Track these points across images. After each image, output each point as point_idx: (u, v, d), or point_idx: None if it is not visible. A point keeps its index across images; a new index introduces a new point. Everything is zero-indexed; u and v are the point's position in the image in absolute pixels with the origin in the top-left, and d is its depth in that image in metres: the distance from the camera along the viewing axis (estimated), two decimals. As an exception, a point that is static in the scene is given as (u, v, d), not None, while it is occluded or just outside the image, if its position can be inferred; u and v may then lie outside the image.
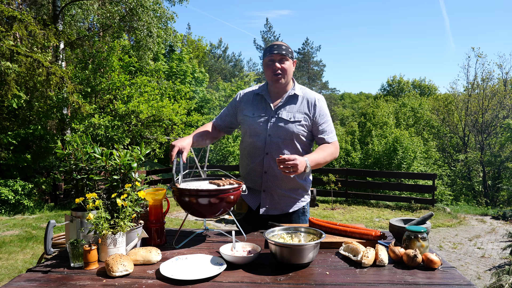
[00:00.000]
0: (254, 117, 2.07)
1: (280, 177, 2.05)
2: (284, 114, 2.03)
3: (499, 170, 15.84)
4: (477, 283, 4.71)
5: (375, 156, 15.83)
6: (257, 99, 2.13)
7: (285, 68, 2.00)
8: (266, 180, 2.06)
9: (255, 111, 2.09)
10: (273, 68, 2.00)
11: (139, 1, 11.82)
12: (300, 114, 2.04)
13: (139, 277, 1.38)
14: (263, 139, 2.04)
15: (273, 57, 2.00)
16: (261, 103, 2.10)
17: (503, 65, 25.95)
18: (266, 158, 2.04)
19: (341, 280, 1.35)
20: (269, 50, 2.01)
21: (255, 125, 2.06)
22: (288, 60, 2.02)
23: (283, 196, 2.09)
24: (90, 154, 1.67)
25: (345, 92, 67.58)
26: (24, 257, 5.49)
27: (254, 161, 2.08)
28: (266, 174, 2.06)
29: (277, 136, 2.02)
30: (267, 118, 2.05)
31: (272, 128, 2.03)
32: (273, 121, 2.03)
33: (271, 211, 2.10)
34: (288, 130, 2.01)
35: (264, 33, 39.67)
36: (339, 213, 9.34)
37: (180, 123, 13.39)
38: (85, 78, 11.74)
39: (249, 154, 2.11)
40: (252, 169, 2.09)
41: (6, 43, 8.18)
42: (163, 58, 19.29)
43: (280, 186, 2.07)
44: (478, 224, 8.18)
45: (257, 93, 2.13)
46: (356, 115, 36.80)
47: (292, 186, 2.10)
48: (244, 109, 2.13)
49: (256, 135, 2.06)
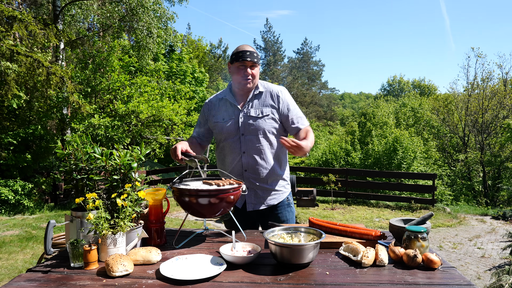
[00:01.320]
0: (225, 121, 2.15)
1: (260, 173, 2.12)
2: (252, 112, 2.12)
3: (499, 170, 15.84)
4: (477, 283, 4.71)
5: (375, 156, 15.82)
6: (223, 103, 2.21)
7: (255, 74, 2.10)
8: (248, 178, 2.13)
9: (224, 115, 2.16)
10: (245, 74, 2.08)
11: (139, 1, 11.82)
12: (267, 108, 2.13)
13: (139, 277, 1.38)
14: (238, 139, 2.12)
15: (245, 63, 2.07)
16: (228, 107, 2.18)
17: (503, 65, 25.99)
18: (244, 157, 2.11)
19: (341, 280, 1.35)
20: (241, 56, 2.06)
21: (228, 128, 2.13)
22: (257, 66, 2.12)
23: (266, 190, 2.16)
24: (90, 154, 1.67)
25: (345, 92, 67.65)
26: (24, 257, 5.49)
27: (232, 162, 2.14)
28: (246, 172, 2.12)
29: (249, 133, 2.10)
30: (236, 119, 2.13)
31: (244, 127, 2.10)
32: (242, 120, 2.11)
33: (257, 206, 2.16)
34: (259, 125, 2.10)
35: (264, 33, 39.70)
36: (339, 213, 9.34)
37: (180, 123, 13.39)
38: (85, 78, 11.74)
39: (226, 157, 2.18)
40: (232, 170, 2.15)
41: (6, 43, 8.18)
42: (163, 58, 19.28)
43: (262, 181, 2.14)
44: (478, 224, 8.18)
45: (221, 97, 2.22)
46: (356, 115, 36.80)
47: (273, 179, 2.17)
48: (214, 116, 2.21)
49: (230, 137, 2.13)
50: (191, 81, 19.28)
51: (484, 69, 20.29)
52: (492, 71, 20.80)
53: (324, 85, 46.51)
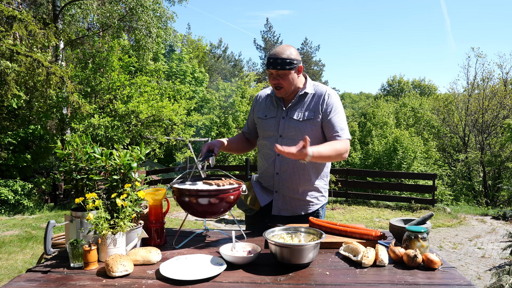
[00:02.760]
0: (266, 118, 2.09)
1: (292, 179, 2.03)
2: (295, 114, 2.01)
3: (499, 170, 15.83)
4: (477, 283, 4.70)
5: (375, 156, 15.83)
6: (270, 100, 2.14)
7: (284, 83, 1.95)
8: (278, 181, 2.05)
9: (267, 112, 2.10)
10: (273, 82, 1.98)
11: (139, 1, 11.81)
12: (311, 112, 2.00)
13: (139, 277, 1.38)
14: (275, 140, 2.04)
15: (271, 71, 1.95)
16: (273, 105, 2.11)
17: (503, 65, 25.92)
18: (278, 160, 2.04)
19: (341, 280, 1.35)
20: (267, 63, 1.95)
21: (267, 127, 2.07)
22: (287, 73, 1.93)
23: (295, 198, 2.06)
24: (90, 154, 1.67)
25: (345, 92, 67.64)
26: (24, 257, 5.49)
27: (267, 162, 2.09)
28: (278, 175, 2.05)
29: (288, 136, 2.01)
30: (278, 119, 2.05)
31: (283, 129, 2.02)
32: (283, 122, 2.03)
33: (282, 212, 2.09)
34: (299, 130, 1.99)
35: (264, 33, 39.64)
36: (339, 213, 9.34)
37: (180, 123, 13.38)
38: (85, 78, 11.73)
39: (262, 155, 2.13)
40: (265, 170, 2.10)
41: (6, 42, 8.18)
42: (163, 58, 19.28)
43: (292, 188, 2.05)
44: (478, 224, 8.17)
45: (269, 93, 2.15)
46: (356, 115, 36.81)
47: (305, 189, 2.06)
48: (258, 111, 2.16)
49: (268, 136, 2.07)
50: (191, 81, 19.27)
51: (484, 69, 20.25)
52: (492, 71, 20.79)
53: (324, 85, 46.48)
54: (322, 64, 44.61)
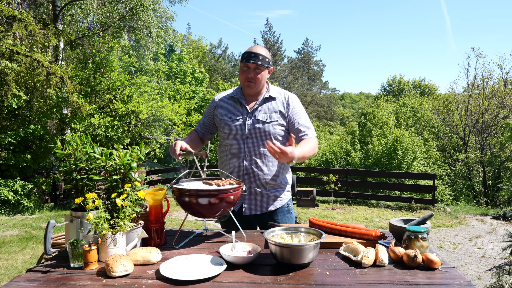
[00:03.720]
0: (231, 120, 2.12)
1: (261, 177, 2.08)
2: (261, 116, 2.09)
3: (499, 170, 15.83)
4: (477, 283, 4.70)
5: (375, 156, 15.82)
6: (233, 102, 2.18)
7: (258, 78, 2.05)
8: (247, 182, 2.10)
9: (231, 114, 2.13)
10: (247, 76, 2.05)
11: (139, 1, 11.82)
12: (276, 114, 2.10)
13: (139, 277, 1.38)
14: (242, 141, 2.08)
15: (248, 65, 2.04)
16: (237, 106, 2.15)
17: (503, 65, 25.89)
18: (246, 160, 2.08)
19: (341, 280, 1.35)
20: (246, 57, 2.04)
21: (233, 128, 2.10)
22: (262, 70, 2.06)
23: (264, 195, 2.13)
24: (90, 154, 1.67)
25: (345, 92, 67.66)
26: (24, 257, 5.49)
27: (234, 164, 2.11)
28: (246, 175, 2.09)
29: (255, 137, 2.07)
30: (244, 120, 2.10)
31: (250, 130, 2.07)
32: (250, 123, 2.08)
33: (254, 211, 2.14)
34: (266, 130, 2.06)
35: (264, 33, 39.59)
36: (339, 213, 9.34)
37: (180, 123, 13.39)
38: (85, 78, 11.73)
39: (228, 157, 2.14)
40: (232, 172, 2.12)
41: (6, 42, 8.17)
42: (163, 58, 19.29)
43: (261, 186, 2.10)
44: (479, 224, 8.17)
45: (232, 96, 2.18)
46: (356, 115, 36.82)
47: (273, 185, 2.14)
48: (221, 113, 2.17)
49: (234, 138, 2.10)
50: (191, 81, 19.29)
51: (484, 69, 20.24)
52: (492, 71, 20.82)
53: (324, 85, 46.46)
54: (323, 64, 44.62)
